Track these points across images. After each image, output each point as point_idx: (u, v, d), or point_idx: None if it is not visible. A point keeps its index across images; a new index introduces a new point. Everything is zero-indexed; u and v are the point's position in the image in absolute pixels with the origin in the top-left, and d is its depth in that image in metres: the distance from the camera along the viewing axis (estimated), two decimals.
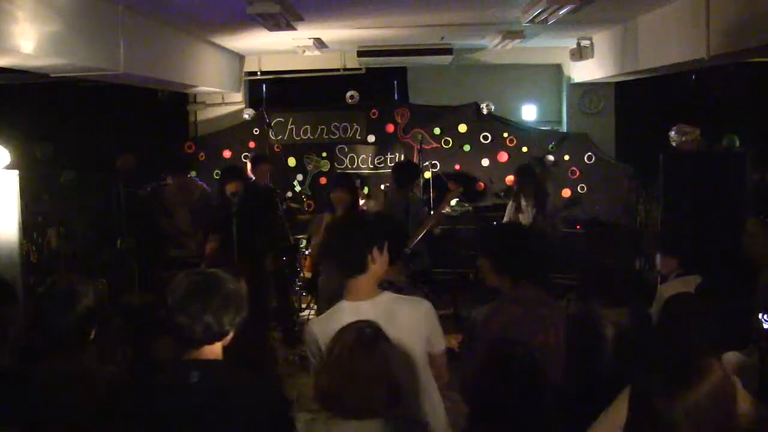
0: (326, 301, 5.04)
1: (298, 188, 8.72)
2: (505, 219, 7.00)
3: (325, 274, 5.22)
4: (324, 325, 2.62)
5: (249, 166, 6.70)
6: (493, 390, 2.11)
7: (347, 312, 2.60)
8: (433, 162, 8.44)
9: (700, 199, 5.90)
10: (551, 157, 8.39)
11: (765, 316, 3.21)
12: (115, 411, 2.27)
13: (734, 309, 2.75)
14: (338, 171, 8.66)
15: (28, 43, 4.29)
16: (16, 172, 4.48)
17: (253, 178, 6.50)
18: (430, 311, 2.68)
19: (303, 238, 7.05)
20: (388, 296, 2.68)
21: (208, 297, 2.17)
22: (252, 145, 8.67)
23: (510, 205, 6.89)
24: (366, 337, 2.21)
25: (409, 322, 2.61)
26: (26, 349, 2.57)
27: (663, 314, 2.69)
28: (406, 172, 6.31)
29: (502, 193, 8.13)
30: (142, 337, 4.90)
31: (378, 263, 2.65)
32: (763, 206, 6.56)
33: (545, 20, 5.72)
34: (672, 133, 6.43)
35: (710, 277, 3.49)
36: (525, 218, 6.61)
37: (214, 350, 2.23)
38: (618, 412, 2.31)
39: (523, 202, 6.69)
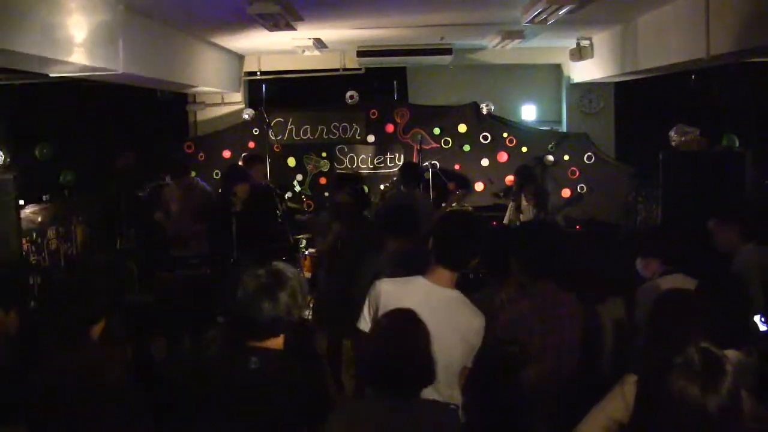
0: (329, 300, 5.05)
1: (298, 188, 8.72)
2: (506, 219, 7.01)
3: (328, 274, 5.21)
4: (392, 286, 2.75)
5: (242, 165, 6.61)
6: (486, 389, 2.12)
7: (420, 287, 2.72)
8: (433, 162, 8.44)
9: (700, 199, 5.90)
10: (551, 157, 8.39)
11: (762, 318, 3.20)
12: (185, 394, 2.46)
13: (731, 307, 2.75)
14: (338, 171, 8.64)
15: (28, 43, 4.29)
16: (16, 172, 4.48)
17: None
18: (482, 327, 2.74)
19: (302, 238, 7.05)
20: (459, 295, 2.77)
21: (278, 293, 2.34)
22: (252, 145, 8.66)
23: (510, 206, 6.90)
24: (411, 317, 2.35)
25: (464, 327, 2.69)
26: (32, 345, 2.60)
27: (658, 310, 2.68)
28: (413, 172, 6.36)
29: (502, 193, 8.13)
30: (142, 337, 4.90)
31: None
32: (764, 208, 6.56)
33: (545, 20, 5.72)
34: (672, 133, 6.43)
35: (705, 275, 3.49)
36: (525, 218, 6.61)
37: (278, 341, 2.42)
38: (611, 405, 2.36)
39: (524, 202, 6.70)
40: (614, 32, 7.53)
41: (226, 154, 8.69)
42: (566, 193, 8.38)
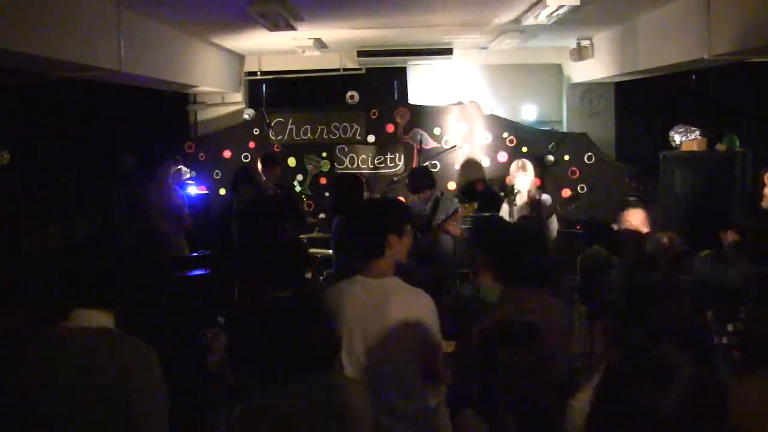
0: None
1: (298, 188, 8.72)
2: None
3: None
4: (335, 293, 2.83)
5: (260, 166, 6.69)
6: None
7: (357, 285, 2.77)
8: (433, 162, 8.44)
9: (700, 199, 5.91)
10: (551, 157, 8.38)
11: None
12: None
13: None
14: (338, 171, 8.64)
15: (29, 44, 4.29)
16: (16, 172, 4.48)
17: (264, 178, 6.52)
18: (429, 306, 2.74)
19: (303, 238, 7.05)
20: (395, 281, 2.79)
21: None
22: (252, 145, 8.67)
23: (505, 204, 6.88)
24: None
25: (404, 309, 2.70)
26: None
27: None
28: (423, 176, 6.16)
29: (502, 193, 8.12)
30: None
31: (395, 248, 2.78)
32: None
33: (545, 20, 5.72)
34: (672, 133, 6.43)
35: None
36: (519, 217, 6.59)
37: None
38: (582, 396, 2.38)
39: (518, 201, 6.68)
40: (614, 32, 7.53)
41: (227, 154, 8.69)
42: (566, 193, 8.38)
